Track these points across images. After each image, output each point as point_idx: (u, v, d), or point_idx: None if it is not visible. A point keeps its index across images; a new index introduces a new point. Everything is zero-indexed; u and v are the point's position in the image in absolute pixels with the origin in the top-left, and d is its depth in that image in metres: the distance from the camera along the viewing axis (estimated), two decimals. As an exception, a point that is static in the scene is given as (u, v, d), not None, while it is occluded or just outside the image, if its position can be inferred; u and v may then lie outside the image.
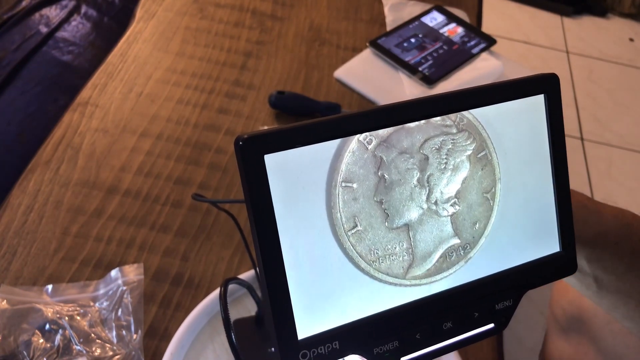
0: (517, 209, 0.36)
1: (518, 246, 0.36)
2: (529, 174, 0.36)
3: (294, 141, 0.29)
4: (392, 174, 0.33)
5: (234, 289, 0.63)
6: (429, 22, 1.06)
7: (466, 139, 0.35)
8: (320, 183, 0.30)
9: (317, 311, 0.31)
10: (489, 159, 0.36)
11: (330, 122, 0.30)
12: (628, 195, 1.85)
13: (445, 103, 0.33)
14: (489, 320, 0.36)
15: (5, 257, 0.66)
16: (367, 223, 0.33)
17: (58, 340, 0.58)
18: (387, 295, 0.33)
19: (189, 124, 0.84)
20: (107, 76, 0.89)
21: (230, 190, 0.77)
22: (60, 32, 1.03)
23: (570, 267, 0.37)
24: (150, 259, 0.68)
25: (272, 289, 0.29)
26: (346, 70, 0.97)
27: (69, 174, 0.75)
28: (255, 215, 0.28)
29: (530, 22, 2.46)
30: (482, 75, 0.98)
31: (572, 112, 2.09)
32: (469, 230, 0.36)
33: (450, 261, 0.35)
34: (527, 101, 0.36)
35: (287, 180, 0.29)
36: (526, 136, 0.36)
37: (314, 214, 0.30)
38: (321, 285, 0.31)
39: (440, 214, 0.35)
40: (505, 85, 0.35)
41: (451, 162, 0.35)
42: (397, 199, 0.34)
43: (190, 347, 0.59)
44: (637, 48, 2.43)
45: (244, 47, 0.98)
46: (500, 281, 0.35)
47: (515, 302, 0.36)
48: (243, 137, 0.28)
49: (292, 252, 0.30)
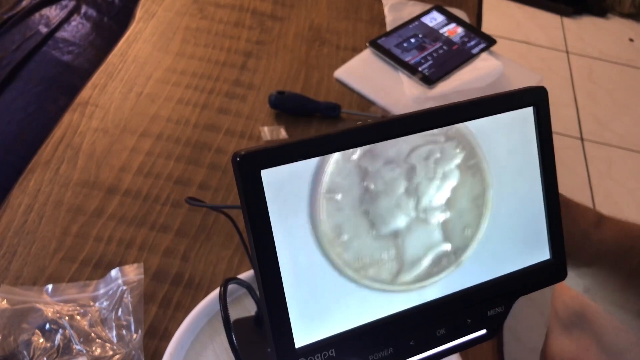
0: (508, 216, 0.37)
1: (509, 253, 0.37)
2: (519, 182, 0.37)
3: (290, 157, 0.30)
4: (377, 184, 0.33)
5: (233, 288, 0.63)
6: (429, 22, 1.06)
7: (455, 147, 0.35)
8: (306, 194, 0.31)
9: (313, 320, 0.31)
10: (480, 167, 0.36)
11: (325, 138, 0.30)
12: (628, 195, 1.85)
13: (435, 118, 0.34)
14: (481, 327, 0.36)
15: (5, 257, 0.66)
16: (353, 233, 0.33)
17: (58, 340, 0.58)
18: (378, 303, 0.34)
19: (189, 124, 0.84)
20: (107, 76, 0.89)
21: (230, 190, 0.77)
22: (60, 32, 1.03)
23: (560, 274, 0.38)
24: (150, 258, 0.68)
25: (269, 299, 0.30)
26: (346, 70, 0.97)
27: (69, 174, 0.75)
28: (253, 228, 0.29)
29: (530, 22, 2.46)
30: (482, 75, 0.98)
31: (572, 112, 2.09)
32: (460, 236, 0.36)
33: (441, 266, 0.35)
34: (516, 112, 0.36)
35: (282, 193, 0.30)
36: (516, 146, 0.36)
37: (303, 225, 0.31)
38: (316, 295, 0.31)
39: (429, 221, 0.35)
40: (495, 99, 0.35)
41: (440, 171, 0.35)
42: (384, 208, 0.33)
43: (190, 347, 0.59)
44: (637, 48, 2.43)
45: (244, 47, 0.98)
46: (492, 288, 0.36)
47: (507, 309, 0.37)
48: (240, 154, 0.28)
49: (289, 263, 0.30)
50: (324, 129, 0.87)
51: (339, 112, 0.89)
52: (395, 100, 0.93)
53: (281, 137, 0.85)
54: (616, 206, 1.80)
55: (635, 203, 1.83)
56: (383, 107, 0.92)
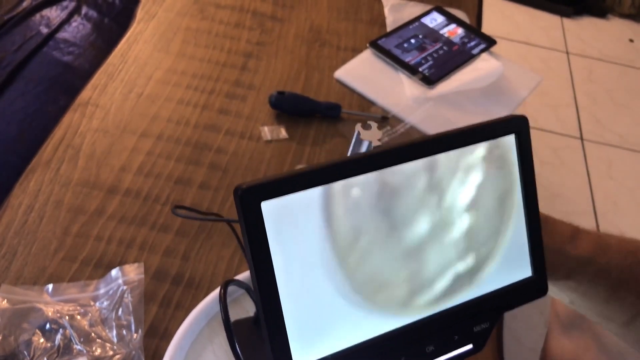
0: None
1: (494, 272, 0.39)
2: (503, 205, 0.39)
3: (288, 188, 0.32)
4: (396, 177, 0.35)
5: (231, 289, 0.63)
6: (429, 22, 1.06)
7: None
8: (314, 220, 0.33)
9: (311, 341, 0.33)
10: (506, 159, 0.38)
11: (319, 170, 0.32)
12: (628, 195, 1.85)
13: (422, 148, 0.35)
14: (468, 342, 0.39)
15: (5, 257, 0.66)
16: (372, 237, 0.34)
17: (58, 340, 0.59)
18: (373, 324, 0.35)
19: (189, 125, 0.84)
20: (107, 77, 0.89)
21: (230, 190, 0.77)
22: (60, 33, 1.03)
23: (542, 289, 0.40)
24: (151, 258, 0.68)
25: (269, 322, 0.32)
26: (346, 70, 0.97)
27: (69, 174, 0.75)
28: (253, 254, 0.31)
29: (530, 23, 2.46)
30: (482, 76, 0.98)
31: (572, 112, 2.09)
32: (484, 243, 0.38)
33: (457, 287, 0.37)
34: (500, 139, 0.38)
35: (282, 222, 0.32)
36: (500, 170, 0.38)
37: (306, 251, 0.33)
38: (314, 319, 0.33)
39: (454, 223, 0.36)
40: (479, 128, 0.37)
41: (462, 162, 0.36)
42: (405, 205, 0.34)
43: (190, 348, 0.59)
44: (637, 48, 2.43)
45: (244, 48, 0.98)
46: (478, 305, 0.38)
47: (492, 324, 0.39)
48: (242, 187, 0.31)
49: (288, 286, 0.32)
50: (323, 129, 0.87)
51: (339, 113, 0.89)
52: (395, 101, 0.93)
53: (281, 137, 0.85)
54: (616, 206, 1.80)
55: (635, 203, 1.83)
56: (383, 107, 0.92)
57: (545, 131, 1.97)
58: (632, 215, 1.79)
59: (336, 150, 0.85)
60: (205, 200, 0.75)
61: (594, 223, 1.74)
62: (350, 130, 0.82)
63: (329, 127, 0.88)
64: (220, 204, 0.75)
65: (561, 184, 1.83)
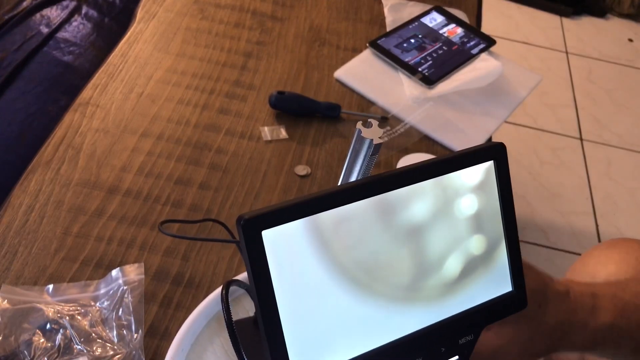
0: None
1: (478, 287, 0.42)
2: (485, 227, 0.41)
3: (285, 218, 0.34)
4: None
5: (231, 288, 0.63)
6: (429, 22, 1.06)
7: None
8: (312, 245, 0.35)
9: (309, 358, 0.36)
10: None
11: (313, 200, 0.35)
12: (627, 195, 1.85)
13: (406, 177, 0.38)
14: (454, 354, 0.42)
15: (6, 257, 0.66)
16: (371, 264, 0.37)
17: (59, 340, 0.59)
18: (365, 339, 0.38)
19: (190, 124, 0.84)
20: (107, 76, 0.89)
21: (230, 190, 0.77)
22: (61, 33, 1.03)
23: (521, 303, 0.43)
24: (151, 258, 0.68)
25: (271, 343, 0.34)
26: (346, 70, 0.97)
27: (69, 174, 0.76)
28: (256, 281, 0.33)
29: (529, 23, 2.46)
30: (481, 76, 0.98)
31: (572, 112, 2.10)
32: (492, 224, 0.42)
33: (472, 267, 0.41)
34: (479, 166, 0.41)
35: (282, 249, 0.34)
36: (480, 194, 0.41)
37: (305, 274, 0.35)
38: (313, 338, 0.36)
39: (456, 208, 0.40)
40: (460, 156, 0.40)
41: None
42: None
43: (190, 349, 0.59)
44: (636, 48, 2.43)
45: (244, 48, 0.98)
46: (463, 320, 0.41)
47: (476, 337, 0.42)
48: (244, 218, 0.33)
49: (288, 310, 0.34)
50: (323, 129, 0.87)
51: (339, 112, 0.89)
52: (395, 101, 0.93)
53: (281, 137, 0.85)
54: (615, 206, 1.81)
55: (635, 203, 1.83)
56: (383, 107, 0.92)
57: (545, 131, 1.97)
58: (631, 215, 1.79)
59: (336, 150, 0.85)
60: (205, 200, 0.75)
61: (594, 223, 1.75)
62: (350, 130, 0.82)
63: (328, 127, 0.88)
64: (220, 204, 0.75)
65: (560, 184, 1.84)
